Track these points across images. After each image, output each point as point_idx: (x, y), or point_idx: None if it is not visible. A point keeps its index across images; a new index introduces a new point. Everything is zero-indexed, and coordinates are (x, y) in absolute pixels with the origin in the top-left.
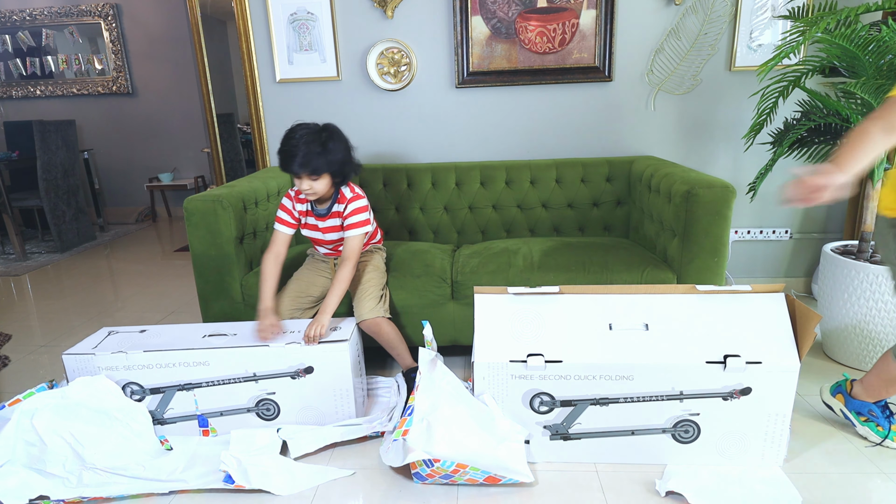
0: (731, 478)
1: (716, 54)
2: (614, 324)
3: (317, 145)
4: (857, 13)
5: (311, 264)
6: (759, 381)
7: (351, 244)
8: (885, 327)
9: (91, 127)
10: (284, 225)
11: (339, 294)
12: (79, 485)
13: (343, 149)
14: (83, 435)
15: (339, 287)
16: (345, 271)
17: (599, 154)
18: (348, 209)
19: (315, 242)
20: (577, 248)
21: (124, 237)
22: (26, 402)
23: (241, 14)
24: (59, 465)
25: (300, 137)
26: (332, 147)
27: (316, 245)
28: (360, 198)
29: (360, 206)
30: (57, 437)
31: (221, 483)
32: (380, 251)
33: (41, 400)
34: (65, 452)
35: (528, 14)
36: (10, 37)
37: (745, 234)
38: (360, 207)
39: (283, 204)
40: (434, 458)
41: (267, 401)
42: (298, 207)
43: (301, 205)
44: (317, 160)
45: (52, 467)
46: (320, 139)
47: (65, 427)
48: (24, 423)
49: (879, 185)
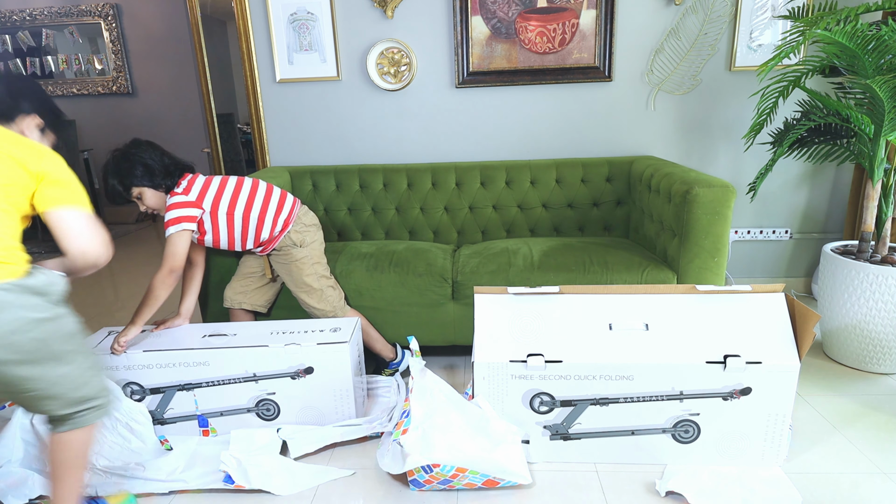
0: (731, 478)
1: (716, 54)
2: (614, 324)
3: (114, 171)
4: (857, 13)
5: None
6: (759, 381)
7: (167, 245)
8: (885, 327)
9: (91, 127)
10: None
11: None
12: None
13: (142, 160)
14: None
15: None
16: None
17: (599, 154)
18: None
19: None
20: (577, 248)
21: (124, 237)
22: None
23: (241, 14)
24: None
25: (102, 171)
26: (127, 164)
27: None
28: (175, 195)
29: (171, 203)
30: None
31: (221, 483)
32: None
33: None
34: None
35: (528, 14)
36: (10, 37)
37: (745, 234)
38: (171, 204)
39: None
40: (433, 463)
41: (267, 401)
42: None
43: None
44: (115, 183)
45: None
46: (115, 163)
47: None
48: (24, 422)
49: (879, 185)
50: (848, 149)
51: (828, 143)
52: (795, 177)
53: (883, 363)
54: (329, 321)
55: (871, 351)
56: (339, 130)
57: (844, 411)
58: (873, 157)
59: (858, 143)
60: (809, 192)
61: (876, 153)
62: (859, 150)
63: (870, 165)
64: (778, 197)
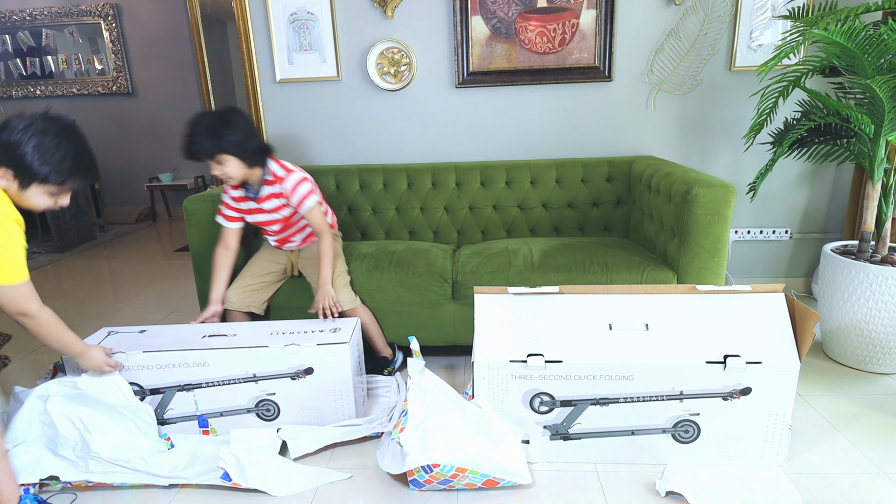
0: (731, 478)
1: (716, 54)
2: (614, 324)
3: (208, 130)
4: (857, 13)
5: (266, 248)
6: (759, 381)
7: (312, 218)
8: (885, 327)
9: (91, 127)
10: (225, 218)
11: (329, 263)
12: (86, 470)
13: (242, 129)
14: (91, 423)
15: (326, 258)
16: (324, 243)
17: (599, 154)
18: (289, 186)
19: (264, 232)
20: (577, 248)
21: (124, 237)
22: (39, 387)
23: (241, 14)
24: (70, 450)
25: (194, 125)
26: (225, 130)
27: (265, 234)
28: (291, 172)
29: (297, 180)
30: (67, 423)
31: (219, 480)
32: (336, 237)
33: (54, 387)
34: (74, 438)
35: (528, 14)
36: (10, 37)
37: (745, 234)
38: (298, 180)
39: (222, 197)
40: (433, 463)
41: (267, 401)
42: (233, 194)
43: (236, 191)
44: (208, 144)
45: (64, 450)
46: (212, 124)
47: (75, 412)
48: (39, 405)
49: (879, 186)
50: (848, 149)
51: (828, 143)
52: (795, 177)
53: (883, 363)
54: (329, 322)
55: (870, 351)
56: (338, 130)
57: (844, 411)
58: (873, 157)
59: (858, 143)
60: (809, 192)
61: (876, 153)
62: (859, 150)
63: (870, 165)
64: (778, 197)
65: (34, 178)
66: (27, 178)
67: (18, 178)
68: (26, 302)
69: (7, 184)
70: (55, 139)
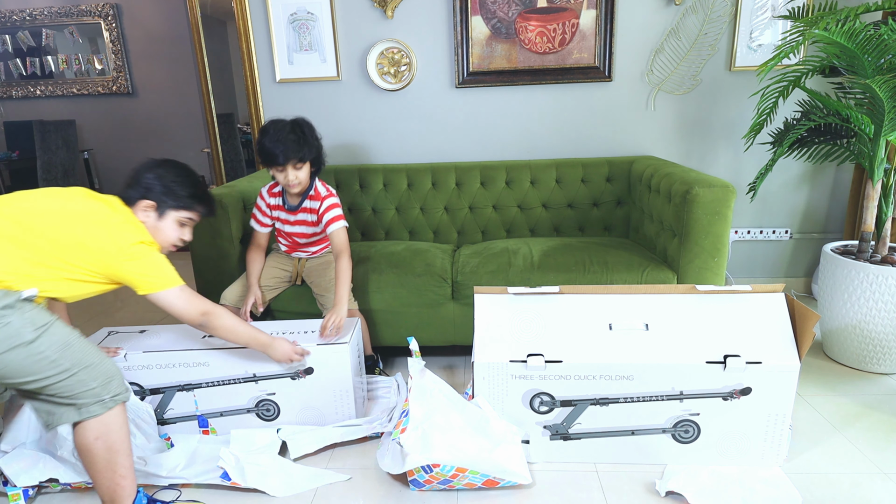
0: (731, 478)
1: (716, 54)
2: (614, 324)
3: (298, 135)
4: (857, 13)
5: (274, 255)
6: (759, 381)
7: (337, 238)
8: (885, 327)
9: (91, 127)
10: (259, 224)
11: (346, 284)
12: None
13: (317, 138)
14: None
15: (345, 278)
16: (343, 262)
17: (599, 154)
18: (324, 206)
19: (280, 234)
20: (577, 248)
21: None
22: None
23: (241, 14)
24: (69, 452)
25: (281, 129)
26: (310, 136)
27: (280, 237)
28: (332, 195)
29: (334, 202)
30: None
31: (218, 480)
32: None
33: None
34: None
35: (528, 14)
36: (10, 37)
37: (745, 234)
38: (334, 203)
39: (258, 203)
40: (433, 463)
41: (267, 401)
42: (270, 202)
43: (273, 199)
44: (301, 148)
45: (63, 452)
46: (299, 129)
47: None
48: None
49: (879, 185)
50: (848, 149)
51: (828, 143)
52: (795, 177)
53: (883, 363)
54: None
55: (870, 351)
56: (338, 130)
57: (844, 411)
58: (873, 157)
59: (858, 143)
60: (809, 192)
61: (876, 153)
62: (859, 150)
63: (870, 165)
64: (778, 197)
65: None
66: (166, 204)
67: (157, 205)
68: (200, 301)
69: (145, 217)
70: (184, 170)
